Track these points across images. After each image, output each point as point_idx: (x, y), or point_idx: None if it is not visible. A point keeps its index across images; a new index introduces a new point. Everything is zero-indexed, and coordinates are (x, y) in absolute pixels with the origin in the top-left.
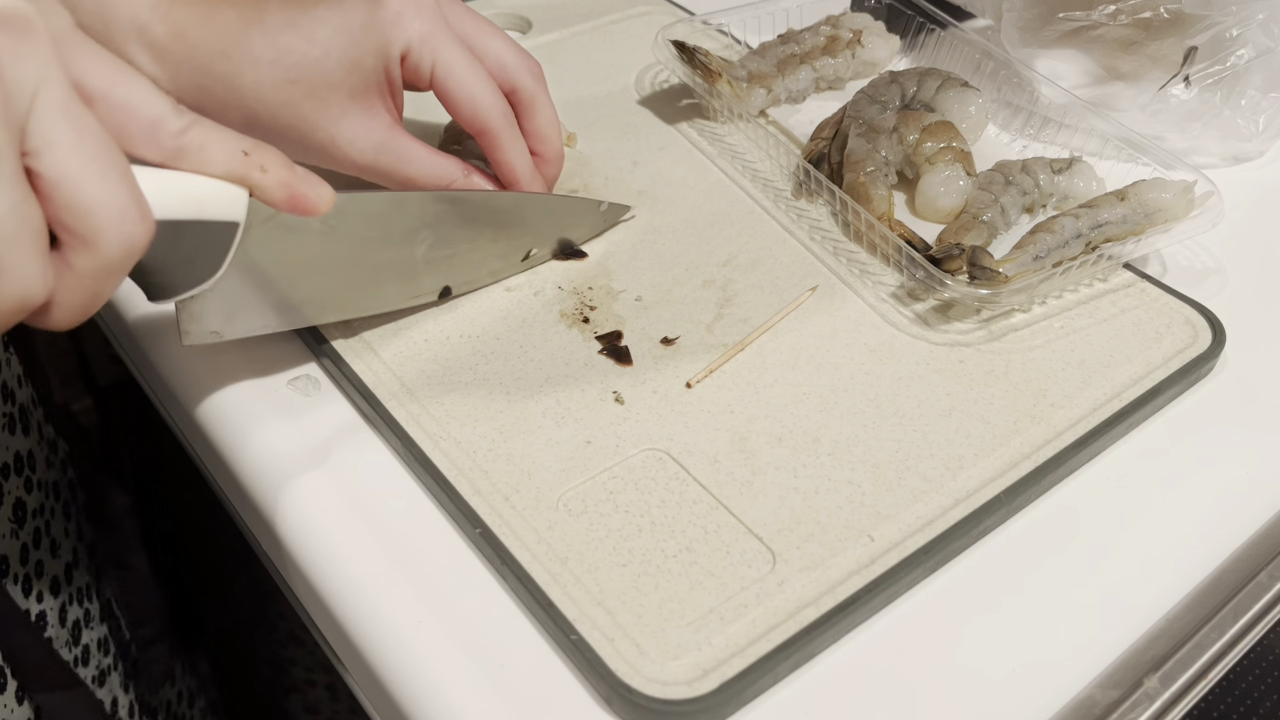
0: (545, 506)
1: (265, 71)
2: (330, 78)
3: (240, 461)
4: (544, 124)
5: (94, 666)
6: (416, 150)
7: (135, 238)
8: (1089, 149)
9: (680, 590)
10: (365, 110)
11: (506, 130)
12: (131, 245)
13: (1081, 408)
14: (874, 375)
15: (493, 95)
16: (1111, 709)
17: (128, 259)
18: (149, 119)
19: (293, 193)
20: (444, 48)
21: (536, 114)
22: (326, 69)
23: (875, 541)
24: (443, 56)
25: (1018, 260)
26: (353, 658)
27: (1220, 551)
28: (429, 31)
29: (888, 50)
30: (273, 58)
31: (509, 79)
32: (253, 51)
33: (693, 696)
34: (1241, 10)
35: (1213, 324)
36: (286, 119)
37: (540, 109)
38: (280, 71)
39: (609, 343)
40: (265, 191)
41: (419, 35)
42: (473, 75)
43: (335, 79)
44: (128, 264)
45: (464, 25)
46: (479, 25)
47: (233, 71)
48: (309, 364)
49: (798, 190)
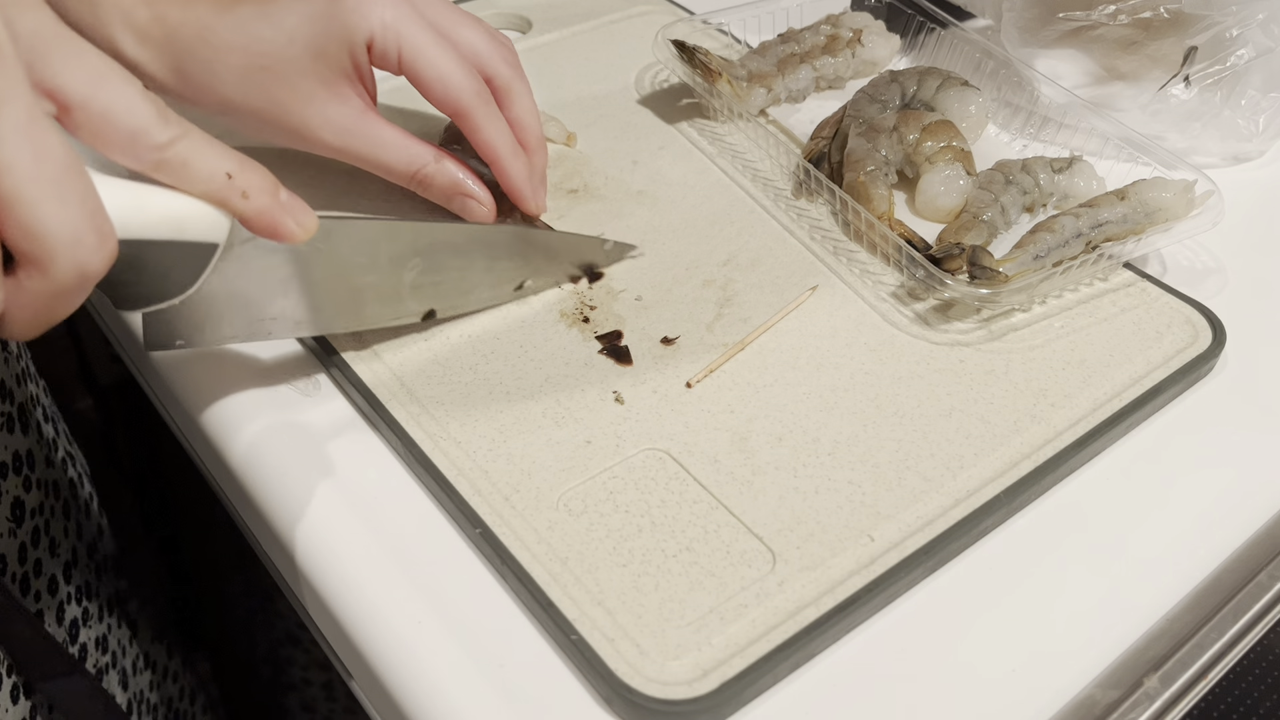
0: (545, 506)
1: (237, 58)
2: (298, 64)
3: (240, 462)
4: (522, 111)
5: (91, 665)
6: (388, 134)
7: (89, 265)
8: (1089, 148)
9: (680, 590)
10: (335, 96)
11: (482, 108)
12: (85, 272)
13: (1082, 407)
14: (874, 375)
15: (464, 75)
16: (1111, 709)
17: (81, 284)
18: (129, 129)
19: (272, 221)
20: (409, 31)
21: (514, 101)
22: (293, 56)
23: (875, 541)
24: (408, 40)
25: (1018, 260)
26: (353, 658)
27: (1220, 551)
28: (392, 17)
29: (888, 49)
30: (244, 45)
31: (483, 66)
32: (225, 38)
33: (693, 696)
34: (1241, 10)
35: (1213, 324)
36: (259, 104)
37: (517, 96)
38: (251, 58)
39: (609, 343)
40: (244, 218)
41: (381, 21)
42: (442, 56)
43: (303, 66)
44: (82, 288)
45: (436, 14)
46: (451, 14)
47: (208, 58)
48: (309, 364)
49: (798, 190)
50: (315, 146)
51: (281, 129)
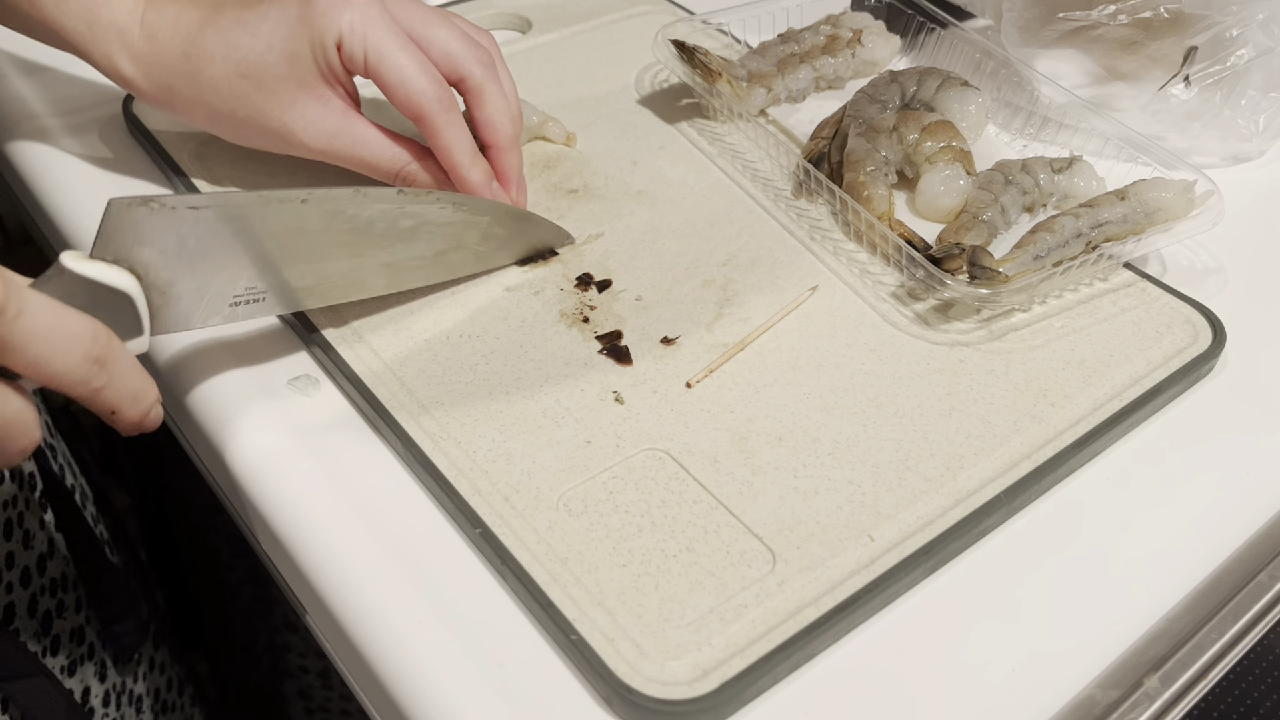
0: (545, 506)
1: (219, 67)
2: (275, 70)
3: (239, 462)
4: (494, 112)
5: (64, 656)
6: (370, 134)
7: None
8: (1089, 148)
9: (680, 590)
10: (315, 99)
11: (441, 115)
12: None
13: (1082, 407)
14: (874, 375)
15: (426, 79)
16: (1111, 709)
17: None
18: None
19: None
20: (375, 35)
21: (485, 102)
22: (270, 62)
23: (875, 541)
24: (373, 43)
25: (1018, 260)
26: (353, 658)
27: (1220, 551)
28: (359, 20)
29: (888, 50)
30: (224, 54)
31: (455, 67)
32: (207, 49)
33: (693, 696)
34: (1241, 10)
35: (1213, 324)
36: (243, 111)
37: (488, 97)
38: (231, 66)
39: (609, 343)
40: (94, 406)
41: (348, 24)
42: (406, 60)
43: (280, 71)
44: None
45: (409, 16)
46: (426, 15)
47: (192, 70)
48: (309, 364)
49: (798, 190)
50: (300, 150)
51: (266, 134)
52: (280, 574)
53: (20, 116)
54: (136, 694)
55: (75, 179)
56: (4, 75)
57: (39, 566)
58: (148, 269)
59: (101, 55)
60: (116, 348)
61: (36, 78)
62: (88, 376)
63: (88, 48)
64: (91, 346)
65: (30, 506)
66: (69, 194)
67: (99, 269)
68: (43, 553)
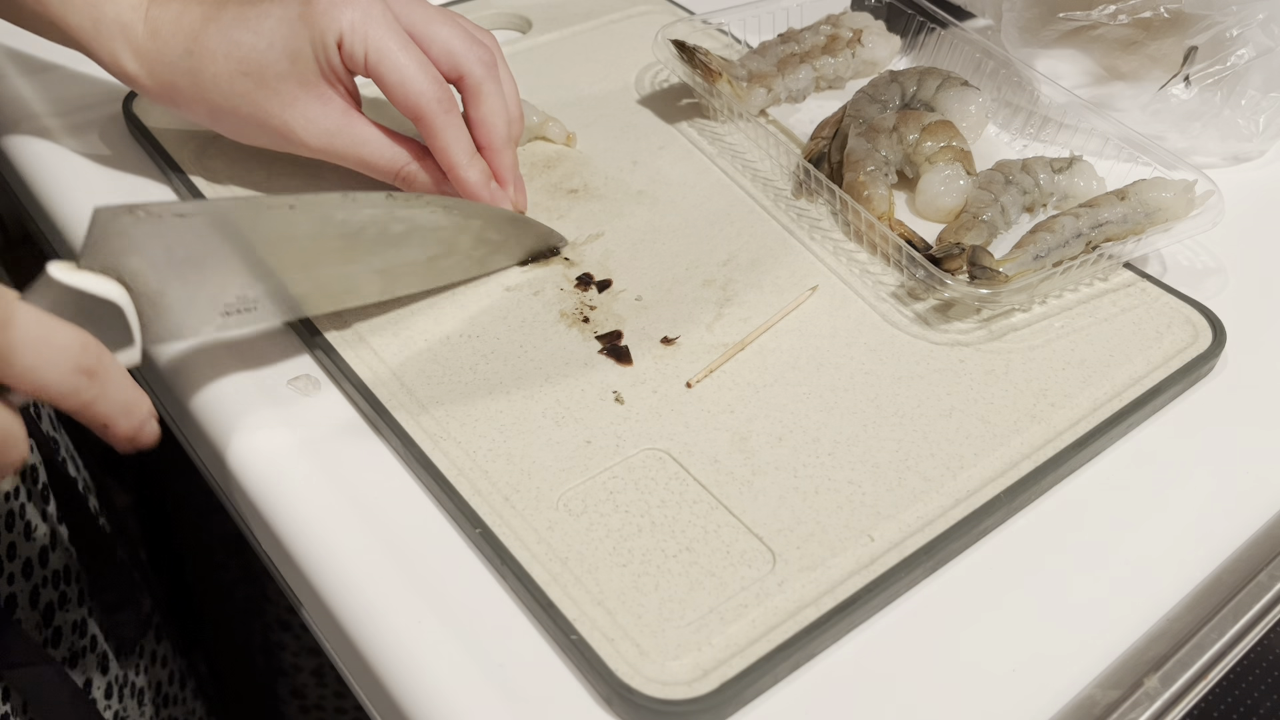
0: (545, 506)
1: (221, 65)
2: (276, 68)
3: (240, 462)
4: (488, 113)
5: (65, 648)
6: (370, 133)
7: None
8: (1089, 148)
9: (680, 590)
10: (316, 97)
11: (440, 116)
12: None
13: (1082, 407)
14: (874, 375)
15: (425, 79)
16: (1111, 709)
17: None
18: None
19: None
20: (375, 33)
21: (481, 103)
22: (271, 60)
23: (875, 541)
24: (374, 42)
25: (1018, 260)
26: (354, 658)
27: (1220, 551)
28: (360, 19)
29: (888, 49)
30: (225, 51)
31: (455, 65)
32: (209, 46)
33: (693, 696)
34: (1241, 10)
35: (1213, 324)
36: (245, 109)
37: (486, 97)
38: (232, 64)
39: (609, 343)
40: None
41: (349, 23)
42: (406, 59)
43: (281, 69)
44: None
45: (411, 14)
46: (427, 13)
47: (194, 67)
48: (309, 364)
49: (798, 190)
50: (300, 148)
51: (267, 132)
52: (281, 574)
53: (20, 116)
54: (139, 686)
55: (75, 178)
56: (4, 74)
57: (41, 558)
58: (136, 278)
59: (105, 51)
60: (107, 359)
61: (36, 77)
62: (77, 388)
63: (92, 44)
64: (81, 358)
65: (32, 498)
66: (69, 193)
67: (86, 279)
68: (45, 545)
